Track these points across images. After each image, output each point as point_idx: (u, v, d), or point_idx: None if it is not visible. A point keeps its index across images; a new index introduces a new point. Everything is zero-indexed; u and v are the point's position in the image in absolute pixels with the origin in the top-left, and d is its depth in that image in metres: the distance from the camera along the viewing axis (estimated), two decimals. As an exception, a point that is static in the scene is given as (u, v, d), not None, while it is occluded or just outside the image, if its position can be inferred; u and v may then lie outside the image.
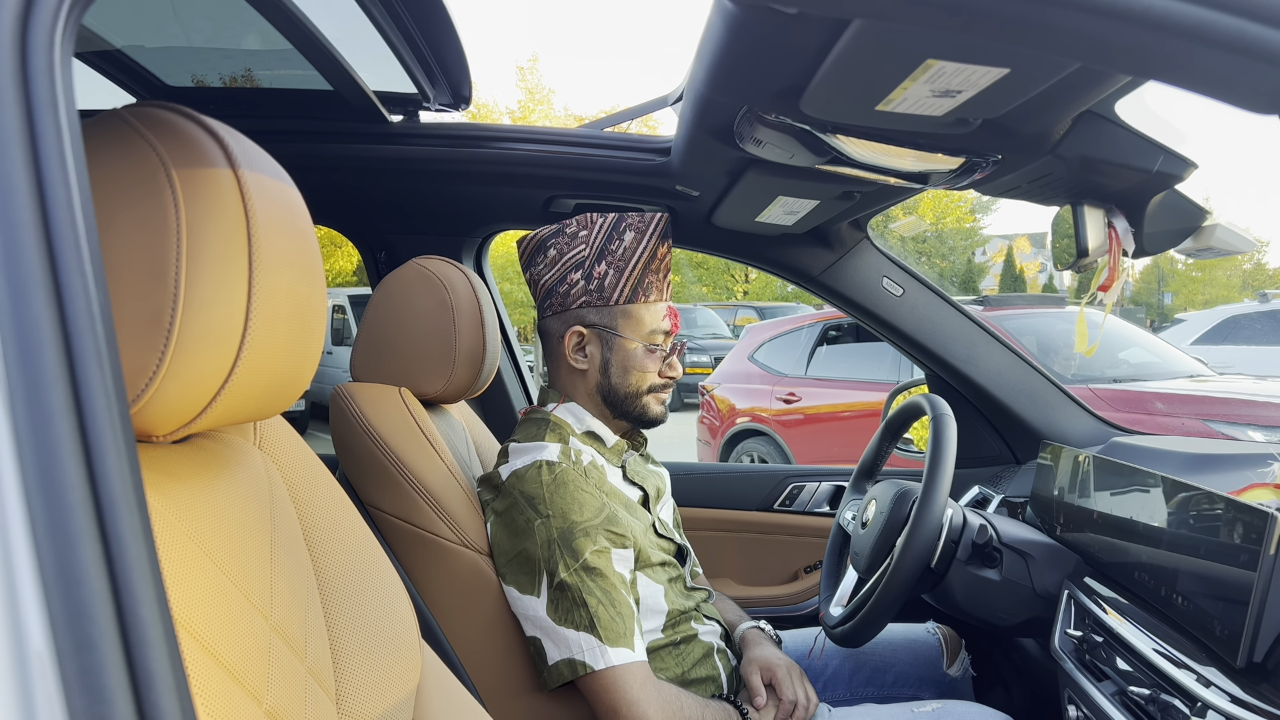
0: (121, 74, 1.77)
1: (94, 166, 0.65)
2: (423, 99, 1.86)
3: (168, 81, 1.85)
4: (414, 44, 1.59)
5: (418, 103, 1.90)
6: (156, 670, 0.44)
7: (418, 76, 1.73)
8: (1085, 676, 1.28)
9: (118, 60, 1.73)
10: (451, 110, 1.93)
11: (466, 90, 1.84)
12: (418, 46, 1.61)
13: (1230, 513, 1.09)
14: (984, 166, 1.29)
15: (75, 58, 1.68)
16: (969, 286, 29.66)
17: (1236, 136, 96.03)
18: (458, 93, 1.85)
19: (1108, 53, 0.63)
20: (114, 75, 1.77)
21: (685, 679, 1.45)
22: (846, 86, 1.00)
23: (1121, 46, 0.61)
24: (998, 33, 0.62)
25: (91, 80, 1.78)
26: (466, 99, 1.88)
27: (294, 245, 0.75)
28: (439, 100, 1.88)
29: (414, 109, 1.92)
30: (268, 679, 0.75)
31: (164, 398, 0.66)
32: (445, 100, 1.88)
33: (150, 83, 1.83)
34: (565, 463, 1.42)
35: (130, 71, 1.78)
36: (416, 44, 1.60)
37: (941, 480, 1.43)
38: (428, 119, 1.95)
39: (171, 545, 0.69)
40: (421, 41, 1.59)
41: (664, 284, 1.53)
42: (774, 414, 6.21)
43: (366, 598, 0.95)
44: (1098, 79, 1.00)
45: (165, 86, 1.86)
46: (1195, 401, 4.06)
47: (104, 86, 1.80)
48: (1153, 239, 1.33)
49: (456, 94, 1.85)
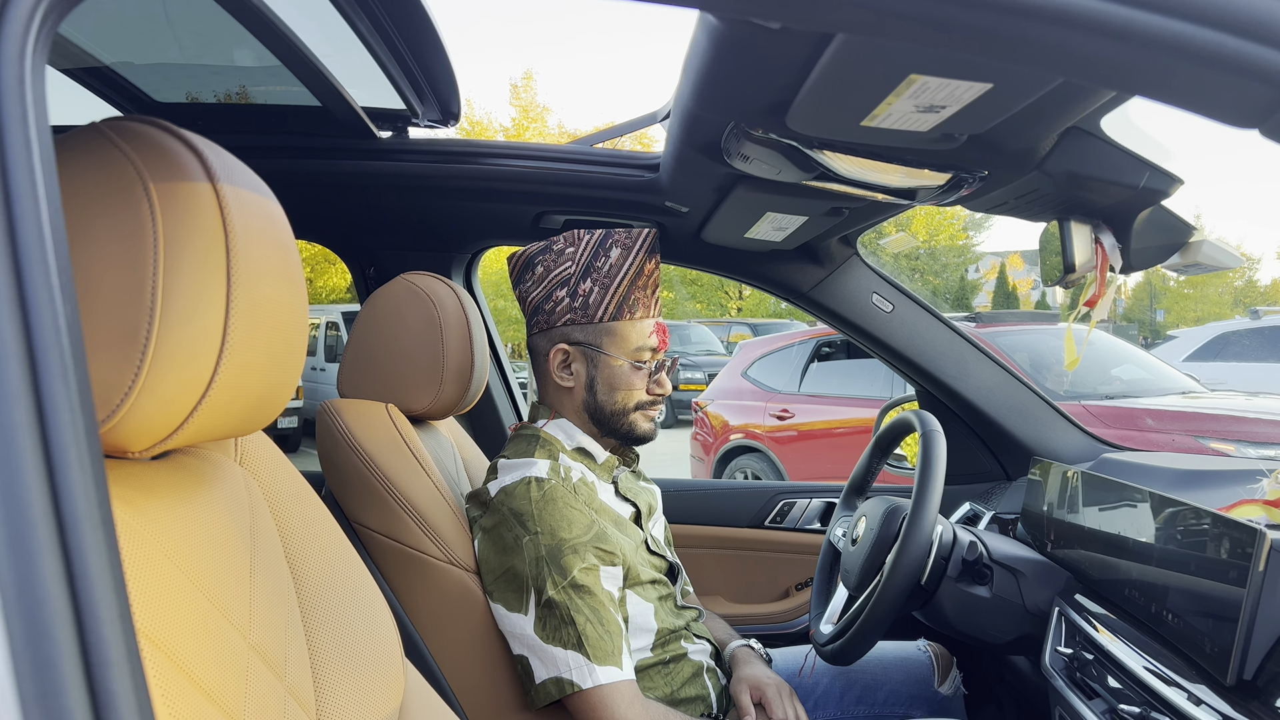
0: (110, 90, 1.78)
1: (70, 180, 0.65)
2: (411, 115, 1.87)
3: (156, 98, 1.85)
4: (402, 61, 1.60)
5: (406, 119, 1.90)
6: (118, 691, 0.43)
7: (406, 93, 1.73)
8: (1076, 694, 1.28)
9: (105, 76, 1.73)
10: (441, 126, 1.93)
11: (455, 107, 1.84)
12: (406, 63, 1.61)
13: (1219, 529, 1.08)
14: (970, 182, 1.29)
15: (63, 73, 1.68)
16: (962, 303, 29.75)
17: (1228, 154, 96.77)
18: (446, 109, 1.85)
19: (1089, 67, 0.63)
20: (102, 91, 1.77)
21: (674, 698, 1.44)
22: (831, 102, 1.00)
23: (1102, 61, 0.61)
24: (979, 47, 0.62)
25: (79, 96, 1.78)
26: (455, 115, 1.88)
27: (274, 259, 0.74)
28: (428, 116, 1.88)
29: (403, 125, 1.93)
30: (245, 698, 0.73)
31: (140, 413, 0.65)
32: (434, 116, 1.89)
33: (139, 99, 1.83)
34: (554, 479, 1.41)
35: (119, 88, 1.78)
36: (405, 61, 1.60)
37: (931, 497, 1.43)
38: (417, 135, 1.95)
39: (148, 563, 0.68)
40: (410, 58, 1.60)
41: (652, 300, 1.53)
42: (767, 430, 6.20)
43: (348, 616, 0.94)
44: (1082, 94, 1.00)
45: (154, 103, 1.86)
46: (1187, 418, 4.07)
47: (93, 103, 1.80)
48: (1140, 255, 1.33)
49: (445, 110, 1.86)
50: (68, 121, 1.06)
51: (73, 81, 1.73)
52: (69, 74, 1.71)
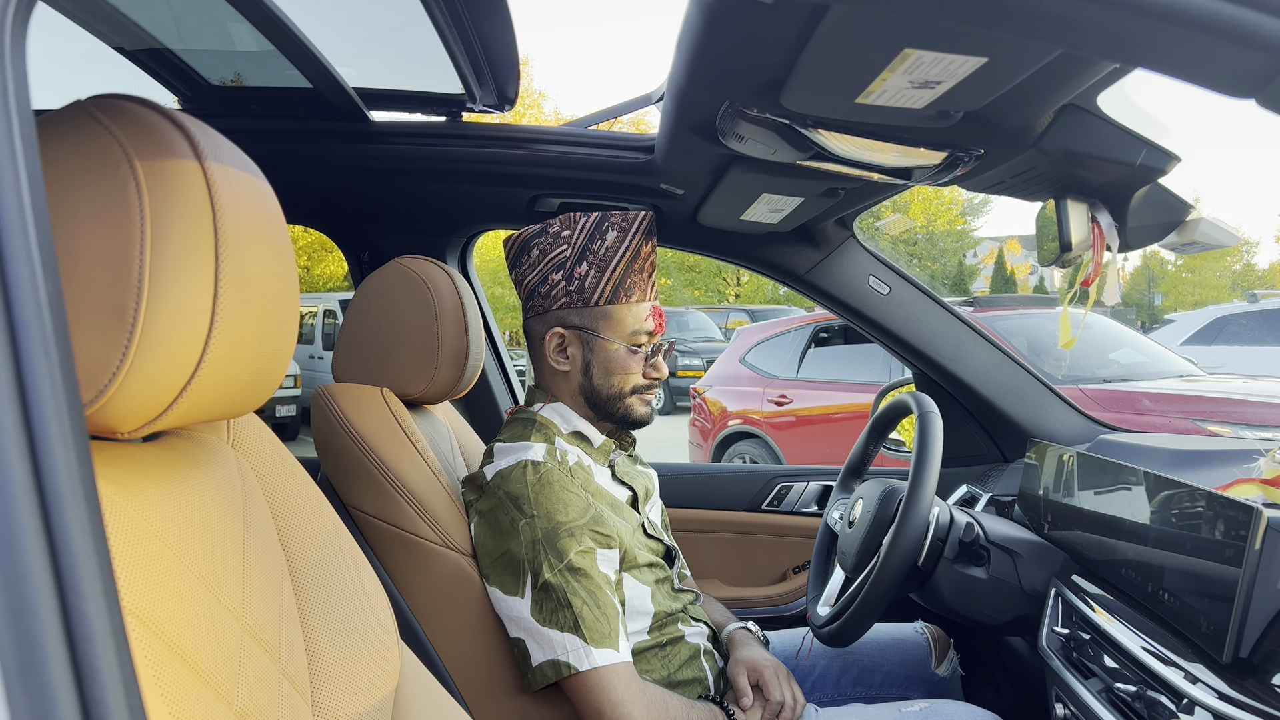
0: (166, 71, 1.74)
1: (56, 159, 0.64)
2: (468, 100, 1.81)
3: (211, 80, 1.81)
4: (468, 41, 1.52)
5: (461, 104, 1.84)
6: (102, 667, 0.42)
7: (467, 76, 1.66)
8: (1072, 674, 1.28)
9: (165, 59, 1.69)
10: (495, 111, 1.86)
11: (513, 91, 1.78)
12: (471, 44, 1.54)
13: (1215, 508, 1.08)
14: (967, 161, 1.28)
15: (127, 57, 1.63)
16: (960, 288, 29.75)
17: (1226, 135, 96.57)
18: (503, 93, 1.79)
19: (1085, 37, 0.62)
20: (158, 73, 1.73)
21: (671, 680, 1.44)
22: (826, 79, 0.99)
23: (1098, 30, 0.60)
24: (973, 16, 0.62)
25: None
26: (512, 100, 1.81)
27: (264, 237, 0.74)
28: (484, 101, 1.82)
29: (457, 111, 1.87)
30: (238, 680, 0.73)
31: (128, 393, 0.65)
32: (490, 101, 1.82)
33: (195, 82, 1.78)
34: (550, 463, 1.40)
35: (175, 69, 1.74)
36: (470, 41, 1.53)
37: (928, 478, 1.43)
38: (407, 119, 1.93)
39: (138, 544, 0.67)
40: (475, 38, 1.52)
41: (648, 284, 1.52)
42: (765, 416, 6.20)
43: (343, 598, 0.94)
44: (1078, 70, 1.00)
45: (209, 85, 1.82)
46: (1184, 401, 4.07)
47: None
48: (1136, 233, 1.32)
49: (501, 95, 1.80)
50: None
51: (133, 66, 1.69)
52: (131, 56, 1.67)
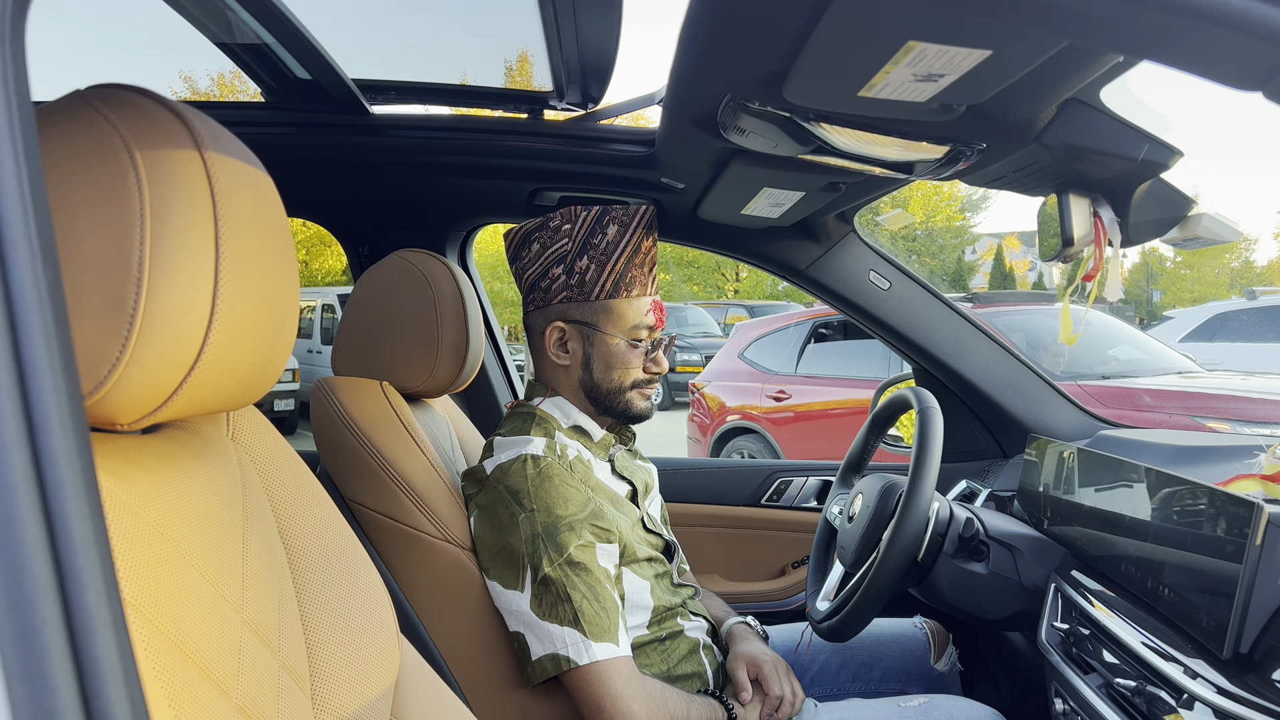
0: (258, 66, 1.69)
1: (55, 149, 0.64)
2: (555, 97, 1.76)
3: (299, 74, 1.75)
4: (568, 37, 1.48)
5: (544, 101, 1.80)
6: (103, 658, 0.42)
7: (560, 73, 1.61)
8: (1072, 669, 1.28)
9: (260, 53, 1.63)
10: (579, 110, 1.82)
11: (599, 90, 1.74)
12: (572, 40, 1.49)
13: (1216, 504, 1.08)
14: (969, 155, 1.28)
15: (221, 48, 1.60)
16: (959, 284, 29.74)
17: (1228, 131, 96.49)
18: (588, 92, 1.74)
19: (1092, 29, 0.62)
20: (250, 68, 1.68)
21: (671, 675, 1.44)
22: (828, 72, 0.98)
23: (1106, 22, 0.59)
24: (978, 8, 0.61)
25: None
26: (596, 99, 1.77)
27: (264, 229, 0.73)
28: (568, 99, 1.77)
29: (539, 108, 1.83)
30: (238, 673, 0.73)
31: (128, 385, 0.64)
32: (574, 99, 1.77)
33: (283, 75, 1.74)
34: (550, 457, 1.40)
35: (268, 64, 1.69)
36: (572, 37, 1.48)
37: (927, 473, 1.42)
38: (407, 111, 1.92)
39: (137, 537, 0.67)
40: (576, 34, 1.47)
41: (649, 278, 1.52)
42: (764, 412, 6.20)
43: (343, 591, 0.94)
44: (1082, 63, 0.99)
45: (296, 79, 1.77)
46: (1183, 397, 4.07)
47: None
48: (1138, 228, 1.32)
49: (586, 94, 1.75)
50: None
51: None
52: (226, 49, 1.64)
